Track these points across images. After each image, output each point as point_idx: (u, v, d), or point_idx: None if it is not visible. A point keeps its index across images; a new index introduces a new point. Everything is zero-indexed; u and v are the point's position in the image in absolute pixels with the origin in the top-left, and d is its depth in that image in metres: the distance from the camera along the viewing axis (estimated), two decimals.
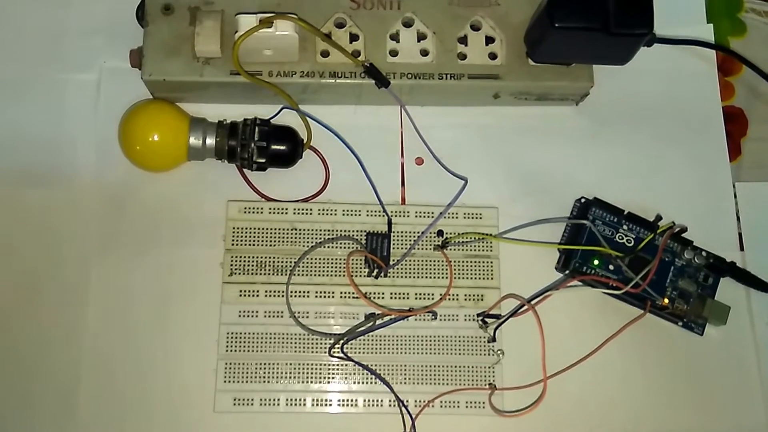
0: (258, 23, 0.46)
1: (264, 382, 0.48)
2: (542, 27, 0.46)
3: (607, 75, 0.51)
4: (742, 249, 0.52)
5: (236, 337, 0.48)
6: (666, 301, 0.49)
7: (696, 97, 0.54)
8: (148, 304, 0.49)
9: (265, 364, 0.48)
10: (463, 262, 0.50)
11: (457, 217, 0.51)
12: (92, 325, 0.48)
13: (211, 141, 0.49)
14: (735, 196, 0.53)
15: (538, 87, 0.50)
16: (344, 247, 0.50)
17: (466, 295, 0.50)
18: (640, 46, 0.47)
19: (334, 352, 0.48)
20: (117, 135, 0.49)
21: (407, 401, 0.48)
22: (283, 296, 0.49)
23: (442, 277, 0.50)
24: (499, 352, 0.48)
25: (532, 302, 0.49)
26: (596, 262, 0.50)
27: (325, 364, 0.48)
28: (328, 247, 0.50)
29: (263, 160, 0.49)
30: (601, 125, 0.53)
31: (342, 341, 0.48)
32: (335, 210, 0.51)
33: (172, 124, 0.49)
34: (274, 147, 0.49)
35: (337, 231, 0.50)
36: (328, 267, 0.50)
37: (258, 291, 0.49)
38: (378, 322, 0.48)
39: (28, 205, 0.50)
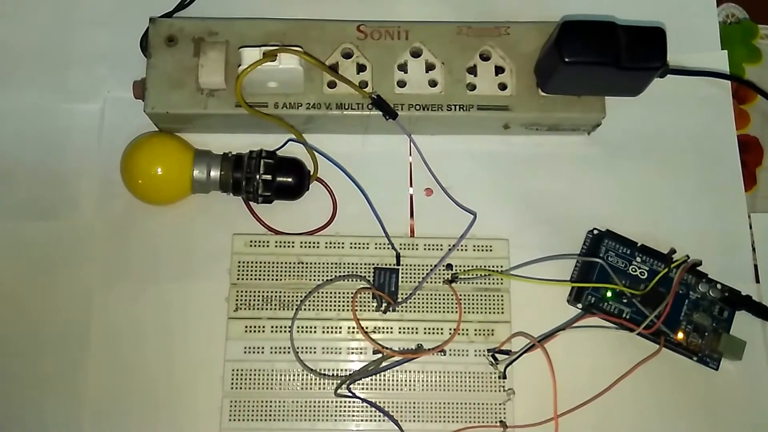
0: (262, 56, 0.45)
1: (270, 420, 0.47)
2: (552, 60, 0.45)
3: (620, 104, 0.50)
4: (758, 281, 0.51)
5: (242, 374, 0.47)
6: (680, 336, 0.48)
7: (710, 125, 0.53)
8: (151, 339, 0.48)
9: (271, 401, 0.47)
10: (473, 296, 0.49)
11: (466, 250, 0.50)
12: (94, 360, 0.48)
13: (215, 174, 0.48)
14: (750, 227, 0.52)
15: (549, 118, 0.49)
16: (352, 281, 0.49)
17: (476, 330, 0.49)
18: (652, 79, 0.46)
19: (340, 392, 0.47)
20: (119, 169, 0.49)
21: None
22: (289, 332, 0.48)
23: (452, 312, 0.49)
24: (509, 391, 0.47)
25: (543, 340, 0.48)
26: (609, 294, 0.49)
27: (332, 402, 0.47)
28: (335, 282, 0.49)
29: (269, 194, 0.48)
30: (613, 155, 0.52)
31: (347, 382, 0.47)
32: (343, 243, 0.50)
33: (175, 157, 0.48)
34: (279, 180, 0.48)
35: (344, 264, 0.49)
36: (335, 302, 0.49)
37: (264, 327, 0.48)
38: (384, 363, 0.47)
39: (28, 237, 0.50)
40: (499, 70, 0.49)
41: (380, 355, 0.47)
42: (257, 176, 0.48)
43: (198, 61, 0.47)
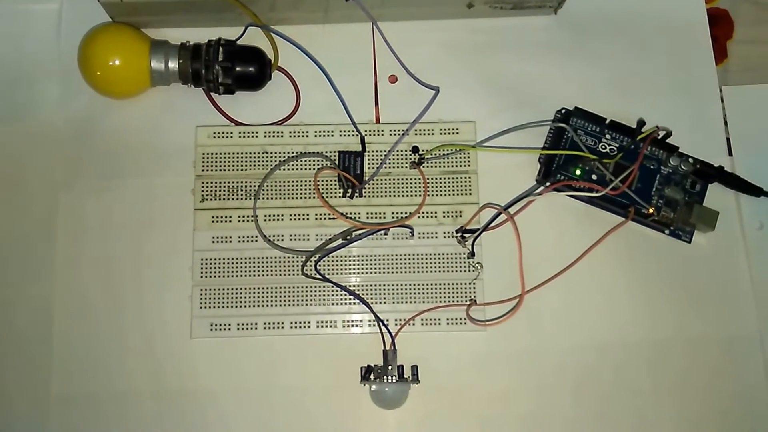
0: None
1: (241, 306, 0.47)
2: None
3: None
4: (730, 154, 0.50)
5: (210, 263, 0.47)
6: (652, 209, 0.48)
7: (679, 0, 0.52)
8: (118, 234, 0.48)
9: (241, 288, 0.47)
10: (440, 178, 0.49)
11: (433, 133, 0.49)
12: (62, 257, 0.48)
13: (174, 64, 0.47)
14: (722, 101, 0.51)
15: None
16: (317, 168, 0.48)
17: (444, 212, 0.48)
18: None
19: (307, 271, 0.47)
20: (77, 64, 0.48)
21: (387, 320, 0.47)
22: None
23: (419, 195, 0.48)
24: (477, 265, 0.47)
25: (510, 210, 0.47)
26: (578, 172, 0.48)
27: (302, 287, 0.47)
28: (300, 169, 0.48)
29: (229, 82, 0.48)
30: (581, 34, 0.51)
31: (315, 257, 0.47)
32: (307, 132, 0.49)
33: (131, 46, 0.47)
34: (239, 68, 0.48)
35: (309, 153, 0.49)
36: (301, 189, 0.48)
37: (230, 216, 0.48)
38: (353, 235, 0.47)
39: None
40: None
41: (347, 238, 0.47)
42: (216, 65, 0.47)
43: None
